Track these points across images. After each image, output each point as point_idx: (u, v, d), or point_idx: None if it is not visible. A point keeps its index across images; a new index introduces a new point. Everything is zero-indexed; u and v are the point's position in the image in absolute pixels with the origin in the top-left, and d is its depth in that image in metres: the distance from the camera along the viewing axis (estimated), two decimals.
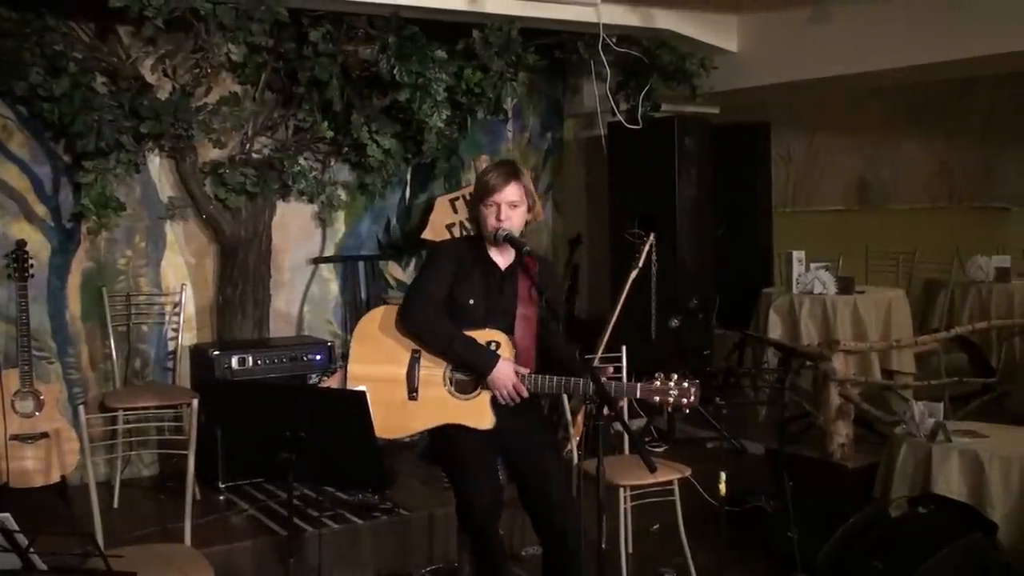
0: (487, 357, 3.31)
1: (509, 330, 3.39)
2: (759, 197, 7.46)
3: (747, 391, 6.19)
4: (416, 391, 3.38)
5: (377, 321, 3.47)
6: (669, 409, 3.26)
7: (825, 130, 8.02)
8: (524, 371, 3.33)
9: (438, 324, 3.35)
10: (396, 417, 3.36)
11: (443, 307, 3.38)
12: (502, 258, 3.46)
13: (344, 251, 5.89)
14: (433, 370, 3.39)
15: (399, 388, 3.38)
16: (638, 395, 3.26)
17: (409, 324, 3.37)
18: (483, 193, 3.37)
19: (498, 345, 3.34)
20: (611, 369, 3.46)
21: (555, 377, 3.30)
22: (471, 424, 3.34)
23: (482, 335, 3.35)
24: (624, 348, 4.30)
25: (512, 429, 3.37)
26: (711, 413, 5.68)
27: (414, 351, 3.39)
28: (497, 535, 3.29)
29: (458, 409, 3.36)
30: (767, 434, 5.48)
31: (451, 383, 3.38)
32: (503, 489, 3.32)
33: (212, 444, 3.44)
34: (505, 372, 3.29)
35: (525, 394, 3.32)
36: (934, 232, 7.42)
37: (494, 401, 3.35)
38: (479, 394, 3.35)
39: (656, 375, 3.25)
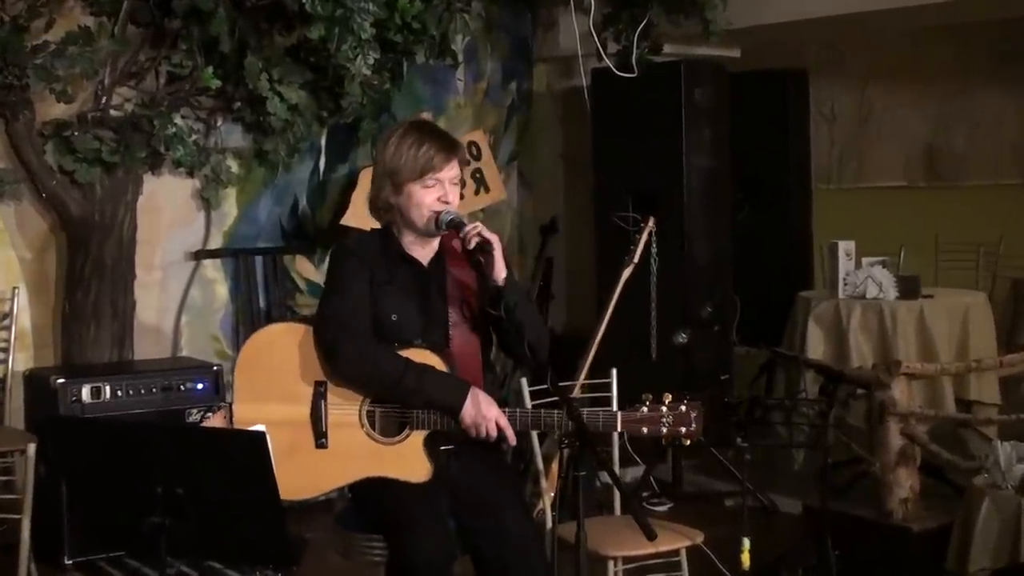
0: (453, 389, 3.33)
1: (444, 342, 3.43)
2: (794, 169, 7.50)
3: (778, 429, 6.21)
4: (325, 436, 3.38)
5: (266, 345, 3.46)
6: (664, 443, 3.29)
7: (881, 81, 8.09)
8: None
9: (378, 356, 3.36)
10: (302, 472, 3.35)
11: (371, 329, 3.40)
12: (424, 250, 3.50)
13: (236, 242, 5.87)
14: (345, 407, 3.39)
15: (302, 433, 3.39)
16: (619, 427, 3.29)
17: (342, 366, 3.36)
18: (425, 169, 3.39)
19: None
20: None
21: (520, 410, 3.34)
22: (400, 476, 3.35)
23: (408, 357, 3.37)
24: (614, 372, 4.32)
25: (462, 481, 3.39)
26: (731, 459, 5.71)
27: (318, 383, 3.40)
28: None
29: (382, 457, 3.36)
30: (805, 487, 5.51)
31: (370, 422, 3.39)
32: (455, 542, 3.32)
33: (56, 504, 3.41)
34: (479, 408, 3.31)
35: (512, 438, 3.34)
36: None
37: (431, 443, 3.36)
38: (409, 435, 3.37)
39: (644, 398, 3.28)
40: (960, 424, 5.56)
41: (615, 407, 4.21)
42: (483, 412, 3.31)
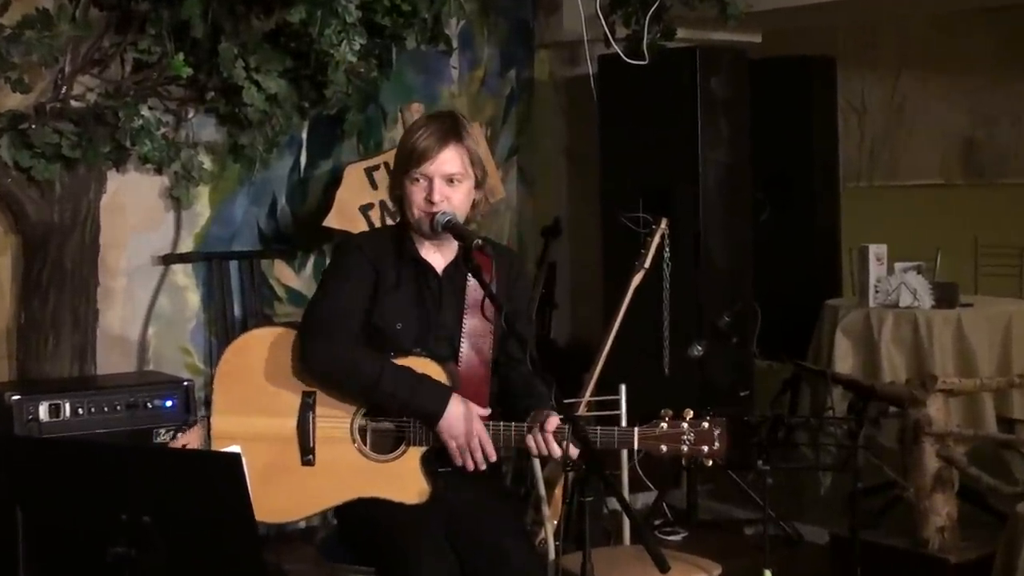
0: (434, 393, 3.32)
1: (451, 354, 3.43)
2: (820, 166, 7.51)
3: (803, 450, 6.21)
4: (312, 452, 3.39)
5: (251, 351, 3.47)
6: (685, 463, 3.28)
7: (915, 70, 8.10)
8: (483, 412, 3.35)
9: (356, 356, 3.37)
10: (285, 492, 3.37)
11: (359, 334, 3.41)
12: (439, 255, 3.50)
13: (208, 245, 5.87)
14: (335, 420, 3.40)
15: (287, 449, 3.40)
16: (636, 444, 3.29)
17: (315, 364, 3.38)
18: (408, 161, 3.39)
19: None
20: None
21: (516, 426, 3.33)
22: (394, 497, 3.36)
23: (405, 364, 3.37)
24: (623, 388, 4.31)
25: (458, 506, 3.38)
26: (751, 483, 5.70)
27: (306, 393, 3.41)
28: None
29: (375, 476, 3.37)
30: (832, 514, 5.51)
31: (362, 438, 3.40)
32: (456, 570, 3.31)
33: (10, 533, 3.39)
34: (461, 416, 3.30)
35: (492, 453, 3.33)
36: None
37: (428, 461, 3.36)
38: (405, 452, 3.37)
39: (662, 414, 3.28)
40: (1002, 445, 5.55)
41: (623, 426, 4.21)
42: (465, 425, 3.30)
